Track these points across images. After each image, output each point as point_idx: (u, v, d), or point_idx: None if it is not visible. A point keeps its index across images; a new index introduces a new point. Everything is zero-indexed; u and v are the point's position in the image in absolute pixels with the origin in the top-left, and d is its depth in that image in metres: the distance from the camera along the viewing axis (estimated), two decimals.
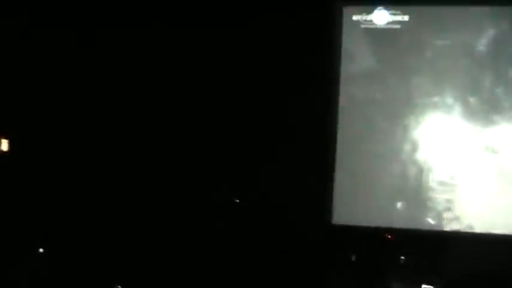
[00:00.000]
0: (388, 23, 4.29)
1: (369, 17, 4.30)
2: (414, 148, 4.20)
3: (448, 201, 4.16)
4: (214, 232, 4.42)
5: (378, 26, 4.30)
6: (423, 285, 4.07)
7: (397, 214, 4.22)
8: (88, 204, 4.45)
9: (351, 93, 4.32)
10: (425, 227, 4.19)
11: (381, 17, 4.28)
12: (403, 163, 4.21)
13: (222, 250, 4.35)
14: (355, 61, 4.31)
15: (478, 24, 4.17)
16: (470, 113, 4.14)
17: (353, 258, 4.28)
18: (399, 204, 4.22)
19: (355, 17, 4.32)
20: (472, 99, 4.14)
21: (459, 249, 4.15)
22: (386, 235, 4.27)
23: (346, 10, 4.33)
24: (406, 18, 4.25)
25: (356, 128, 4.30)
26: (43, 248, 4.32)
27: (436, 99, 4.19)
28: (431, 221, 4.19)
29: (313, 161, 4.29)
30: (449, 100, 4.17)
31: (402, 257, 4.21)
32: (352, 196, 4.27)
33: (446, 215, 4.18)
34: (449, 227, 4.17)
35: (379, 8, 4.28)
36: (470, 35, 4.17)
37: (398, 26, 4.27)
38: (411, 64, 4.24)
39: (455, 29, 4.19)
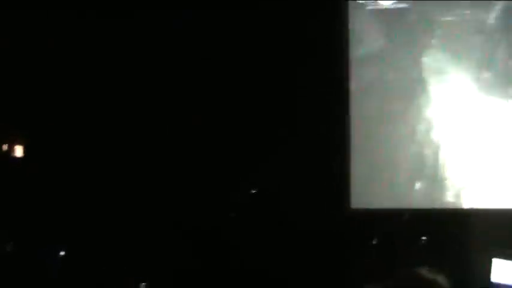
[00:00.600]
0: (395, 2, 4.24)
1: None
2: (429, 128, 4.16)
3: (466, 179, 4.13)
4: (231, 222, 4.41)
5: (385, 7, 4.25)
6: None
7: (415, 195, 4.19)
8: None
9: (362, 75, 4.27)
10: (444, 206, 4.16)
11: None
12: (419, 143, 4.18)
13: (243, 239, 4.34)
14: (364, 43, 4.26)
15: None
16: (485, 88, 4.10)
17: (374, 241, 4.26)
18: (417, 185, 4.18)
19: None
20: (485, 74, 4.10)
21: (479, 226, 4.13)
22: (406, 215, 4.23)
23: None
24: None
25: (369, 110, 4.26)
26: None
27: (448, 76, 4.15)
28: (450, 199, 4.15)
29: (328, 146, 4.27)
30: (462, 77, 4.13)
31: (423, 238, 4.19)
32: (369, 179, 4.24)
33: (464, 192, 4.14)
34: (468, 204, 4.13)
35: None
36: (479, 10, 4.12)
37: (405, 5, 4.22)
38: (421, 42, 4.20)
39: (463, 5, 4.13)
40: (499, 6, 4.10)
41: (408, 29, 4.22)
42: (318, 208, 4.27)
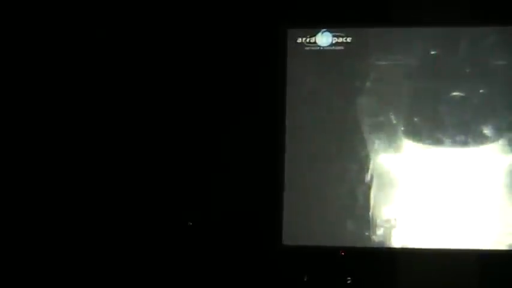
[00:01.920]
0: (332, 45, 4.36)
1: (312, 39, 4.37)
2: (361, 167, 4.26)
3: (396, 218, 4.23)
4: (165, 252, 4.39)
5: (322, 48, 4.36)
6: None
7: (346, 233, 4.26)
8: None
9: (298, 114, 4.36)
10: (374, 245, 4.24)
11: (324, 39, 4.35)
12: (351, 182, 4.27)
13: (174, 272, 4.32)
14: (301, 83, 4.36)
15: (419, 45, 4.27)
16: (415, 132, 4.23)
17: (305, 278, 4.29)
18: (349, 223, 4.26)
19: (299, 40, 4.38)
20: (416, 119, 4.24)
21: (409, 266, 4.21)
22: (340, 252, 4.29)
23: (290, 33, 4.39)
24: (349, 39, 4.33)
25: (303, 149, 4.33)
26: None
27: (381, 119, 4.27)
28: (380, 238, 4.23)
29: (262, 182, 4.30)
30: (394, 120, 4.25)
31: (349, 278, 4.26)
32: (301, 216, 4.29)
33: (394, 232, 4.23)
34: (398, 243, 4.22)
35: (322, 30, 4.35)
36: (412, 56, 4.27)
37: (341, 48, 4.34)
38: (355, 85, 4.31)
39: (397, 51, 4.28)
40: (431, 53, 4.26)
41: (343, 71, 4.33)
42: (250, 243, 4.28)
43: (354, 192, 4.27)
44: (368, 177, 4.25)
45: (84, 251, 4.33)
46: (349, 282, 4.25)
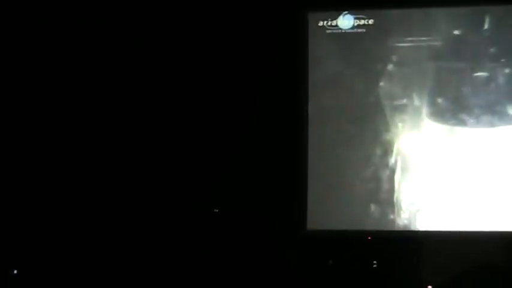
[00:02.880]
0: (353, 27, 4.32)
1: (334, 22, 4.33)
2: (385, 151, 4.23)
3: (421, 201, 4.20)
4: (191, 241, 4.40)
5: (343, 31, 4.32)
6: None
7: (371, 217, 4.24)
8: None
9: (320, 99, 4.34)
10: (399, 229, 4.22)
11: (346, 21, 4.31)
12: (375, 166, 4.24)
13: (198, 260, 4.33)
14: (323, 67, 4.32)
15: (441, 25, 4.22)
16: (439, 114, 4.19)
17: (330, 262, 4.29)
18: (373, 207, 4.24)
19: (320, 23, 4.34)
20: (439, 100, 4.19)
21: (434, 249, 4.19)
22: (367, 237, 4.28)
23: (311, 16, 4.35)
24: (371, 22, 4.29)
25: (326, 133, 4.32)
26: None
27: (404, 101, 4.23)
28: (405, 222, 4.21)
29: (286, 168, 4.30)
30: (417, 102, 4.21)
31: (375, 262, 4.24)
32: (325, 201, 4.28)
33: (419, 215, 4.21)
34: (423, 226, 4.20)
35: (344, 13, 4.31)
36: (434, 37, 4.22)
37: (363, 30, 4.30)
38: (378, 68, 4.27)
39: (419, 32, 4.23)
40: (453, 34, 4.20)
41: (365, 53, 4.29)
42: (274, 229, 4.28)
43: (378, 176, 4.24)
44: (392, 161, 4.22)
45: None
46: (375, 266, 4.24)
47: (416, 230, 4.21)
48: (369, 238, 4.29)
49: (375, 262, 4.25)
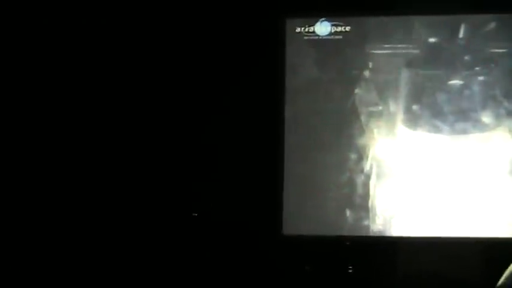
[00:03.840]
0: (331, 34, 4.35)
1: (311, 29, 4.36)
2: (360, 157, 4.26)
3: (396, 207, 4.23)
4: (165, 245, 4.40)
5: (321, 37, 4.36)
6: None
7: (346, 222, 4.26)
8: None
9: (297, 104, 4.36)
10: (374, 234, 4.25)
11: (323, 28, 4.35)
12: (350, 172, 4.27)
13: (174, 264, 4.33)
14: (299, 73, 4.35)
15: (417, 33, 4.26)
16: (414, 120, 4.23)
17: (307, 268, 4.31)
18: (348, 212, 4.26)
19: (298, 29, 4.37)
20: (414, 107, 4.23)
21: (409, 255, 4.22)
22: (345, 242, 4.30)
23: (289, 22, 4.38)
24: (348, 28, 4.33)
25: (302, 139, 4.34)
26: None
27: (380, 108, 4.27)
28: (379, 227, 4.24)
29: (262, 172, 4.31)
30: (393, 108, 4.25)
31: (350, 267, 4.27)
32: (301, 206, 4.30)
33: (394, 221, 4.24)
34: (398, 232, 4.23)
35: (321, 19, 4.35)
36: (410, 45, 4.26)
37: (340, 37, 4.34)
38: (354, 74, 4.31)
39: (395, 39, 4.27)
40: (429, 42, 4.25)
41: (342, 60, 4.33)
42: (250, 234, 4.30)
43: (353, 182, 4.26)
44: (367, 167, 4.25)
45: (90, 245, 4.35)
46: (350, 271, 4.26)
47: (392, 235, 4.24)
48: (347, 243, 4.30)
49: (350, 267, 4.27)
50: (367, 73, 4.29)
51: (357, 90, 4.29)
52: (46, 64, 4.41)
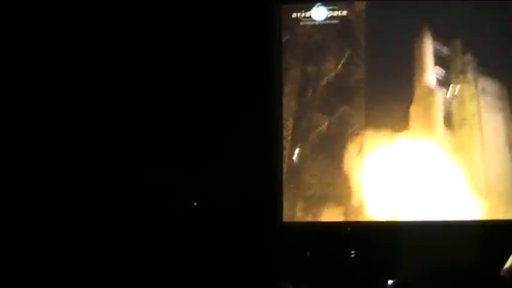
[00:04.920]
0: (327, 19, 4.32)
1: (308, 14, 4.33)
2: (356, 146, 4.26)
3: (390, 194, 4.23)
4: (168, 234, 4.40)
5: (317, 22, 4.33)
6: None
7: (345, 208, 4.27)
8: None
9: (294, 89, 4.34)
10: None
11: (319, 13, 4.32)
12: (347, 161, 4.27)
13: (175, 252, 4.33)
14: (297, 57, 4.33)
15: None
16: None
17: (308, 254, 4.31)
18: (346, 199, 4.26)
19: (294, 15, 4.34)
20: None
21: (410, 239, 4.21)
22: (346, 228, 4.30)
23: (285, 8, 4.35)
24: (344, 13, 4.30)
25: (302, 125, 4.32)
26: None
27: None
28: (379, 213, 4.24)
29: (261, 161, 4.30)
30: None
31: (352, 252, 4.27)
32: (300, 194, 4.30)
33: (394, 206, 4.23)
34: (398, 217, 4.23)
35: (317, 4, 4.31)
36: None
37: (337, 21, 4.31)
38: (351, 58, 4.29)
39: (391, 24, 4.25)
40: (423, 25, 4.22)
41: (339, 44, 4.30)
42: (250, 222, 4.29)
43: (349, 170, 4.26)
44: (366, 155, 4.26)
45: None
46: (352, 256, 4.27)
47: (391, 220, 4.23)
48: (349, 229, 4.30)
49: (352, 252, 4.27)
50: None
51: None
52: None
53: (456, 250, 4.01)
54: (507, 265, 3.20)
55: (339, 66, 4.30)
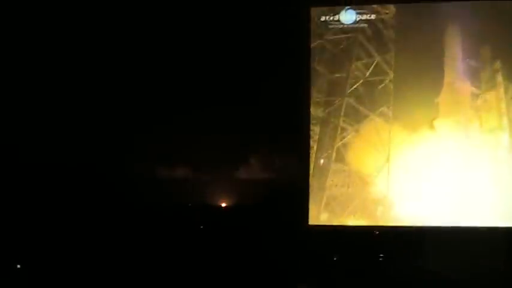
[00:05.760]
0: (355, 22, 4.32)
1: (336, 17, 4.33)
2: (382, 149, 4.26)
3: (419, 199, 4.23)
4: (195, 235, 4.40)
5: (346, 25, 4.33)
6: None
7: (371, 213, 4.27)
8: None
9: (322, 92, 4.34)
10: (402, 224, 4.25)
11: (348, 16, 4.31)
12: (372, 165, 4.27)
13: (202, 253, 4.33)
14: (325, 60, 4.33)
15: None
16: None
17: (335, 258, 4.30)
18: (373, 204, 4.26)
19: (323, 18, 4.34)
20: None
21: (437, 244, 4.21)
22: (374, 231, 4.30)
23: (313, 11, 4.35)
24: (373, 16, 4.30)
25: (329, 129, 4.32)
26: None
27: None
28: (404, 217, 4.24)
29: (289, 163, 4.30)
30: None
31: (381, 255, 4.26)
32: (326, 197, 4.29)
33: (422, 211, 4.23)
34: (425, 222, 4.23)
35: (346, 7, 4.31)
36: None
37: (365, 25, 4.31)
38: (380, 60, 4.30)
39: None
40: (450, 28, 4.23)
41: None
42: (279, 224, 4.29)
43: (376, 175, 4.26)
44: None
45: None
46: (381, 259, 4.27)
47: (420, 225, 4.23)
48: (377, 232, 4.30)
49: (381, 255, 4.28)
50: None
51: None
52: None
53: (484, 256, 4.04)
54: None
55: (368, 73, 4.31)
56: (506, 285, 4.01)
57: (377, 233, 4.27)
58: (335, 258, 4.28)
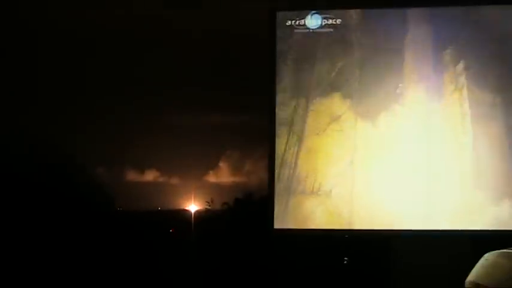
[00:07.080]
0: (321, 27, 4.33)
1: (302, 22, 4.34)
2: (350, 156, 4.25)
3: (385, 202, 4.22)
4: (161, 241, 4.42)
5: (311, 30, 4.33)
6: None
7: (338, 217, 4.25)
8: None
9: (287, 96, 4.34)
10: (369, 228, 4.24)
11: (314, 21, 4.32)
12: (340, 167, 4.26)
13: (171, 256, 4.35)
14: (290, 64, 4.33)
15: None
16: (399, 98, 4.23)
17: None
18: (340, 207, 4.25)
19: (288, 22, 4.35)
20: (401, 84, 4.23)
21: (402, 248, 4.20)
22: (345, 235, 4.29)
23: (279, 15, 4.35)
24: (338, 21, 4.30)
25: (294, 133, 4.32)
26: None
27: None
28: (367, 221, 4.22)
29: (255, 167, 4.32)
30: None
31: (346, 258, 4.27)
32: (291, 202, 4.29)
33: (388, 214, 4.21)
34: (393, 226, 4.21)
35: (312, 12, 4.32)
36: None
37: (331, 30, 4.31)
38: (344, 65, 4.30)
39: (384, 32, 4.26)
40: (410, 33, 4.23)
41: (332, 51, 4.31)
42: (242, 229, 4.30)
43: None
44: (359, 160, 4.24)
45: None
46: (345, 262, 4.27)
47: (387, 229, 4.21)
48: (346, 236, 4.29)
49: (346, 258, 4.28)
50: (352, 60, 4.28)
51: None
52: None
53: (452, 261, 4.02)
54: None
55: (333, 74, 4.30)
56: None
57: (346, 236, 4.26)
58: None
